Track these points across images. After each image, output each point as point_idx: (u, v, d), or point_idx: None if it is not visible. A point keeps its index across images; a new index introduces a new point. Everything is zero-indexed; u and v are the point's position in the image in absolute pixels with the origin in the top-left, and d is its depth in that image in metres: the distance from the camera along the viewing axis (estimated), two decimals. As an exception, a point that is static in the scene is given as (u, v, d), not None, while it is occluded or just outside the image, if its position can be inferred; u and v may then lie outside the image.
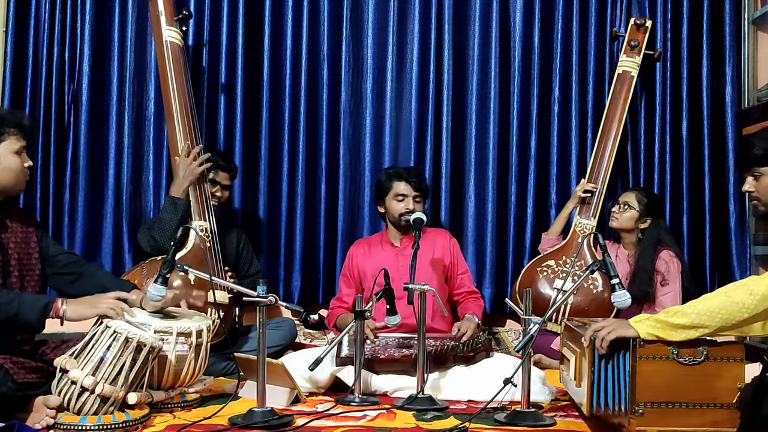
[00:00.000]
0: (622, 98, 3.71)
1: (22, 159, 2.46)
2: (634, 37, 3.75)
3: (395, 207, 3.32)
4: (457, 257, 3.42)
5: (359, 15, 3.92)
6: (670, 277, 3.44)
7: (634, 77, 3.72)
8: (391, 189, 3.33)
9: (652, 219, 3.55)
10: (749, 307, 1.99)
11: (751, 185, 2.24)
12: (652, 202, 3.58)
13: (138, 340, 2.27)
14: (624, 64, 3.75)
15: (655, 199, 3.64)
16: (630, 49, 3.75)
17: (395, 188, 3.33)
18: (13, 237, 2.48)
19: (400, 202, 3.31)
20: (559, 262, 3.59)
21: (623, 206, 3.55)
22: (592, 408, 2.17)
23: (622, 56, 3.77)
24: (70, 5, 3.80)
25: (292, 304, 2.65)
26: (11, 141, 2.43)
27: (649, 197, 3.58)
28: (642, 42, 3.75)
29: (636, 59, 3.74)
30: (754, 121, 3.79)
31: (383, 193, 3.37)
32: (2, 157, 2.41)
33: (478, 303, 3.37)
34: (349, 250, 3.49)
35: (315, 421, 2.43)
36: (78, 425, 2.20)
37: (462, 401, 2.76)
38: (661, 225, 3.58)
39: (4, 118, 2.45)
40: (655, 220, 3.55)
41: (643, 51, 3.75)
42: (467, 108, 3.93)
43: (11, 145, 2.43)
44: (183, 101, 3.37)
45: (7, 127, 2.43)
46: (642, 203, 3.53)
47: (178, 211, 3.21)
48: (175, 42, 3.42)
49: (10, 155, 2.43)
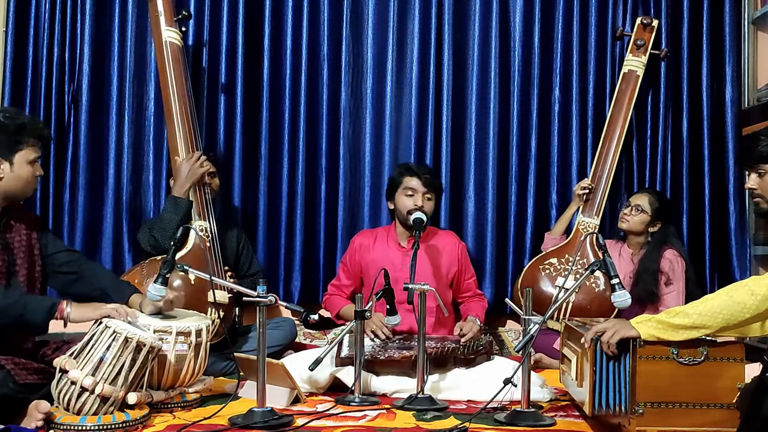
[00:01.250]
0: (627, 97, 3.71)
1: (35, 169, 2.47)
2: (641, 37, 3.75)
3: (404, 202, 3.25)
4: (466, 263, 3.40)
5: (359, 15, 3.92)
6: (675, 277, 3.43)
7: (639, 76, 3.72)
8: (402, 184, 3.28)
9: (663, 224, 3.52)
10: (751, 307, 1.99)
11: (754, 182, 2.24)
12: (664, 206, 3.55)
13: (137, 340, 2.27)
14: (630, 63, 3.75)
15: (667, 203, 3.60)
16: (636, 49, 3.74)
17: (405, 183, 3.27)
18: (17, 237, 2.49)
19: (409, 198, 3.24)
20: (562, 260, 3.59)
21: (635, 209, 3.51)
22: (594, 408, 2.17)
23: (628, 55, 3.76)
24: (70, 5, 3.80)
25: (292, 304, 2.65)
26: (28, 151, 2.44)
27: (660, 201, 3.54)
28: (648, 41, 3.75)
29: (642, 58, 3.73)
30: (754, 121, 3.79)
31: (394, 188, 3.32)
32: (16, 166, 2.42)
33: (481, 303, 3.37)
34: (354, 238, 3.45)
35: (315, 421, 2.43)
36: (78, 425, 2.20)
37: (462, 401, 2.75)
38: (671, 231, 3.54)
39: (25, 126, 2.44)
40: (665, 226, 3.52)
41: (649, 50, 3.75)
42: (467, 108, 3.93)
43: (27, 154, 2.44)
44: (183, 102, 3.37)
45: (27, 137, 2.43)
46: (654, 207, 3.50)
47: (180, 211, 3.21)
48: (175, 42, 3.42)
49: (25, 164, 2.43)
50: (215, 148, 3.77)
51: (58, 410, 2.25)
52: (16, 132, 2.41)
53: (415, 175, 3.27)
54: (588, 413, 2.22)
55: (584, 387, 2.24)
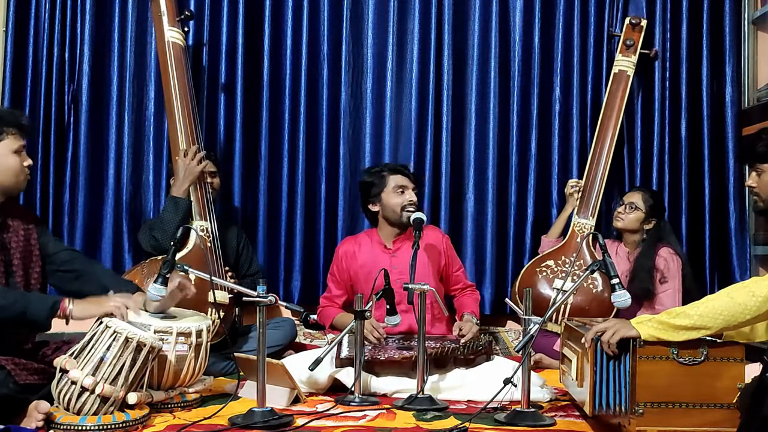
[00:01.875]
0: (618, 97, 3.72)
1: (22, 158, 2.45)
2: (630, 36, 3.77)
3: (396, 200, 3.22)
4: (451, 255, 3.38)
5: (359, 15, 3.93)
6: (670, 275, 3.44)
7: (630, 76, 3.74)
8: (389, 183, 3.25)
9: (657, 220, 3.55)
10: (751, 308, 1.99)
11: (753, 180, 2.27)
12: (658, 203, 3.58)
13: (138, 340, 2.27)
14: (620, 63, 3.76)
15: (660, 200, 3.65)
16: (626, 48, 3.76)
17: (394, 181, 3.25)
18: (14, 236, 2.48)
19: (401, 195, 3.22)
20: (558, 262, 3.59)
21: (629, 207, 3.54)
22: (594, 408, 2.17)
23: (618, 55, 3.78)
24: (70, 5, 3.80)
25: (292, 304, 2.65)
26: (10, 140, 2.42)
27: (654, 198, 3.57)
28: (638, 41, 3.77)
29: (632, 58, 3.75)
30: (754, 121, 3.79)
31: (378, 190, 3.27)
32: (1, 157, 2.41)
33: (474, 296, 3.35)
34: (337, 248, 3.40)
35: (315, 421, 2.43)
36: (78, 425, 2.20)
37: (462, 401, 2.75)
38: (666, 226, 3.58)
39: (2, 117, 2.44)
40: (659, 222, 3.55)
41: (639, 50, 3.76)
42: (467, 108, 3.93)
43: (10, 144, 2.42)
44: (185, 102, 3.37)
45: (5, 127, 2.42)
46: (648, 204, 3.53)
47: (180, 211, 3.21)
48: (177, 42, 3.42)
49: (10, 155, 2.42)
50: (215, 148, 3.77)
51: (58, 410, 2.25)
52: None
53: (399, 173, 3.27)
54: (588, 413, 2.22)
55: (584, 387, 2.24)
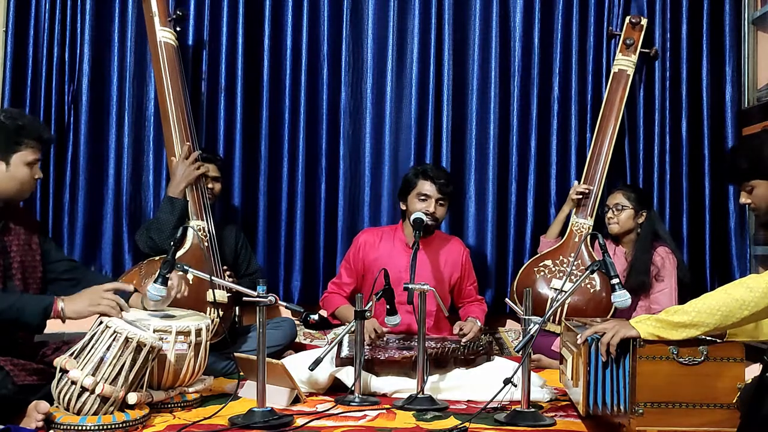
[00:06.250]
0: (618, 97, 3.72)
1: (33, 171, 2.43)
2: (630, 36, 3.77)
3: (416, 206, 3.20)
4: (469, 270, 3.40)
5: (359, 15, 3.92)
6: (665, 273, 3.45)
7: (630, 75, 3.73)
8: (416, 187, 3.24)
9: (647, 211, 3.56)
10: (749, 303, 1.99)
11: (746, 198, 2.26)
12: (640, 194, 3.60)
13: (138, 339, 2.27)
14: (620, 63, 3.76)
15: (641, 191, 3.66)
16: (626, 48, 3.76)
17: (420, 187, 3.23)
18: (15, 240, 2.47)
19: (422, 202, 3.21)
20: (557, 262, 3.59)
21: (616, 209, 3.54)
22: (588, 408, 2.17)
23: (618, 55, 3.78)
24: (70, 5, 3.80)
25: (292, 304, 2.65)
26: (27, 152, 2.40)
27: (635, 191, 3.59)
28: (638, 40, 3.76)
29: (632, 57, 3.75)
30: (754, 121, 3.78)
31: (408, 189, 3.27)
32: (13, 166, 2.38)
33: (481, 307, 3.37)
34: (358, 236, 3.42)
35: (315, 421, 2.43)
36: (78, 425, 2.20)
37: (462, 401, 2.76)
38: (656, 217, 3.60)
39: (25, 127, 2.41)
40: (649, 213, 3.57)
41: (639, 49, 3.76)
42: (467, 108, 3.93)
43: (25, 156, 2.40)
44: (178, 102, 3.37)
45: (26, 138, 2.40)
46: (632, 199, 3.54)
47: (176, 212, 3.21)
48: (170, 43, 3.42)
49: (22, 166, 2.40)
50: (215, 148, 3.77)
51: (58, 410, 2.25)
52: (15, 133, 2.38)
53: (429, 180, 3.22)
54: (582, 413, 2.22)
55: (579, 386, 2.23)
